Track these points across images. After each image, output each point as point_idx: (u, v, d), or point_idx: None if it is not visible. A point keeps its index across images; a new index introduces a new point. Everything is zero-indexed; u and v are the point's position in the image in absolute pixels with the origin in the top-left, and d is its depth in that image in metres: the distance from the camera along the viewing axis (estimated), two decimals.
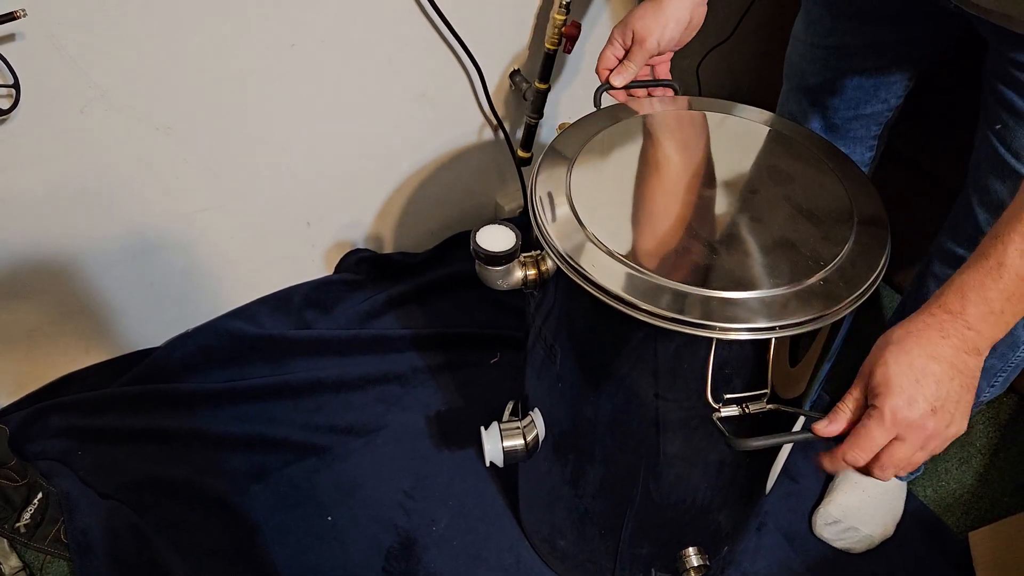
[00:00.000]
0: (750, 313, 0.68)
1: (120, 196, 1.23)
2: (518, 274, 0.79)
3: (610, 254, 0.73)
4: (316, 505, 1.24)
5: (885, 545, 1.23)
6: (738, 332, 0.68)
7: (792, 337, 0.70)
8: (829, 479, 1.29)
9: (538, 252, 0.79)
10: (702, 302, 0.69)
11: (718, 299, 0.69)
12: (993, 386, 1.09)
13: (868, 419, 0.63)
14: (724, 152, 0.88)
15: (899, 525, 1.24)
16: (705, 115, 0.93)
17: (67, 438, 1.30)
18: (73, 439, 1.30)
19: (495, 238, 0.77)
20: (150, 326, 1.41)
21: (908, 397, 0.62)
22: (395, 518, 1.23)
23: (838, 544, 1.22)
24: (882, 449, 0.64)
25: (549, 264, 0.77)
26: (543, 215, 0.78)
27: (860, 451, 0.64)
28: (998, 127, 0.90)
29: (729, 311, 0.68)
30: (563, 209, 0.78)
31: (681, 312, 0.68)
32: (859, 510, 1.23)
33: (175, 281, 1.39)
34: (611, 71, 0.96)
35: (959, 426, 0.64)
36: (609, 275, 0.71)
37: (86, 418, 1.32)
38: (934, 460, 1.33)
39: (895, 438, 0.63)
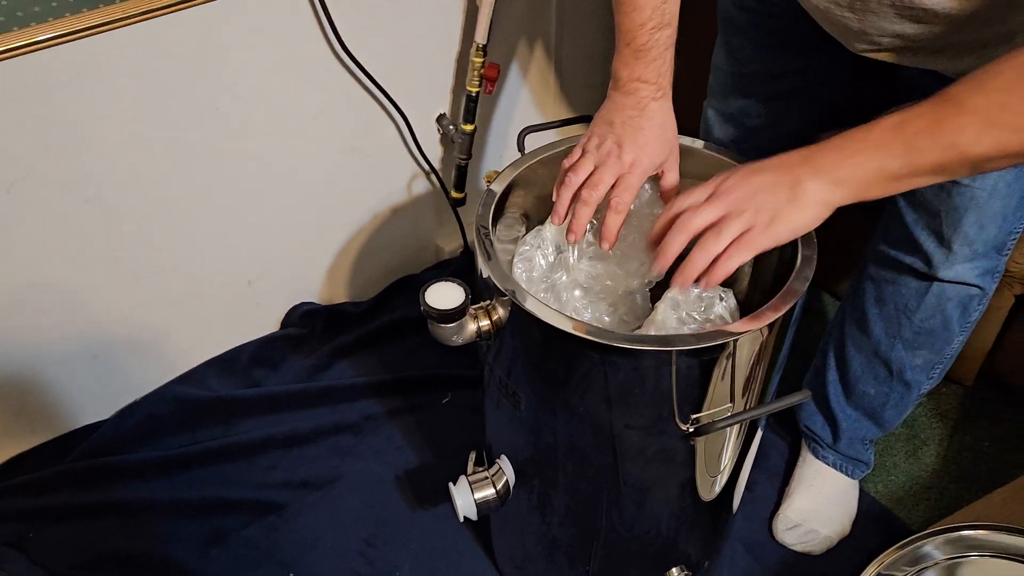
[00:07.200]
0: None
1: (56, 272, 1.23)
2: (471, 327, 0.78)
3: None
4: (277, 563, 1.23)
5: (843, 544, 1.24)
6: (699, 341, 0.71)
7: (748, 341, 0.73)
8: (783, 486, 1.31)
9: (488, 302, 0.79)
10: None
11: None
12: (931, 378, 1.14)
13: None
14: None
15: (854, 523, 1.26)
16: None
17: (17, 522, 1.27)
18: (24, 522, 1.27)
19: (444, 295, 0.75)
20: (97, 399, 1.40)
21: (738, 176, 0.73)
22: (357, 568, 1.22)
23: (799, 548, 1.23)
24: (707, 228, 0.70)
25: (501, 313, 0.77)
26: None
27: (688, 218, 0.72)
28: None
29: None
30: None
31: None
32: (816, 512, 1.25)
33: (119, 351, 1.38)
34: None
35: (777, 228, 0.69)
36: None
37: (36, 499, 1.30)
38: (882, 455, 1.36)
39: (723, 218, 0.70)
